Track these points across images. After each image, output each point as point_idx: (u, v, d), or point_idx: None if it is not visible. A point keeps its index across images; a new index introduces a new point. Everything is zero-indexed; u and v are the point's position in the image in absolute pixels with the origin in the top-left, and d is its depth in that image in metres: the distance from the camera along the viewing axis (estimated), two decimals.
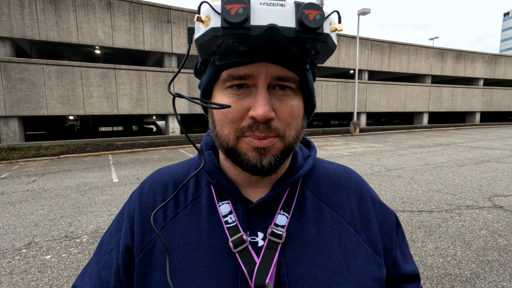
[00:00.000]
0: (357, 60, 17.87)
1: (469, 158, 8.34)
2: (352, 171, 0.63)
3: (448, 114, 33.59)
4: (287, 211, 0.53)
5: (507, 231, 3.48)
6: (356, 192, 0.58)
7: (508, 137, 14.14)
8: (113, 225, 0.59)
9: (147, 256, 0.51)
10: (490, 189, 5.17)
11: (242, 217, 0.51)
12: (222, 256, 0.49)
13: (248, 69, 0.44)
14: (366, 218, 0.55)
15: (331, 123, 35.68)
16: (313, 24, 0.38)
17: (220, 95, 0.47)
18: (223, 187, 0.54)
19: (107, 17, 13.65)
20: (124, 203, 0.60)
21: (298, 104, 0.48)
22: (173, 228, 0.52)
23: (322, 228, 0.52)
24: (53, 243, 3.39)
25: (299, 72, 0.46)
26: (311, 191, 0.56)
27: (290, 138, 0.48)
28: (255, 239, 0.51)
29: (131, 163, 8.81)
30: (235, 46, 0.41)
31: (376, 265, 0.52)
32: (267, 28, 0.38)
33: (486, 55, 25.57)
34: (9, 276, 2.72)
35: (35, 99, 12.56)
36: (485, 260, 2.84)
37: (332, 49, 0.44)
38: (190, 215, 0.53)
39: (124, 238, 0.54)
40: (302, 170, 0.56)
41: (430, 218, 3.90)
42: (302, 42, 0.41)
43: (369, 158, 8.80)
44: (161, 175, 0.60)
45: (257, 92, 0.45)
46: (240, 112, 0.45)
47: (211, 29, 0.39)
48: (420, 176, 6.22)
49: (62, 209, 4.60)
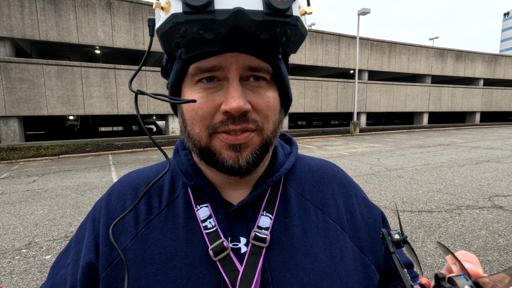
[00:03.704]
0: (357, 60, 17.87)
1: (469, 158, 8.33)
2: (335, 166, 0.60)
3: (448, 114, 33.59)
4: (270, 211, 0.49)
5: (507, 231, 3.48)
6: (340, 187, 0.56)
7: (508, 137, 14.14)
8: (73, 237, 0.53)
9: (116, 270, 0.46)
10: (490, 189, 5.17)
11: (222, 222, 0.47)
12: (202, 265, 0.45)
13: (217, 60, 0.41)
14: (351, 215, 0.53)
15: (331, 123, 35.69)
16: (281, 5, 0.36)
17: (189, 91, 0.44)
18: (201, 189, 0.50)
19: (107, 17, 13.65)
20: (88, 212, 0.54)
21: (274, 96, 0.45)
22: (146, 237, 0.47)
23: (307, 229, 0.49)
24: (53, 243, 3.39)
25: (271, 62, 0.43)
26: (294, 189, 0.53)
27: (268, 132, 0.45)
28: (237, 245, 0.47)
29: (131, 163, 8.81)
30: (201, 34, 0.38)
31: (362, 265, 0.50)
32: (233, 11, 0.35)
33: (486, 55, 25.57)
34: (9, 276, 2.72)
35: (35, 99, 12.56)
36: (485, 260, 2.84)
37: (304, 34, 0.41)
38: (165, 222, 0.49)
39: (85, 253, 0.48)
40: (283, 168, 0.53)
41: (430, 218, 3.90)
42: (271, 26, 0.38)
43: (369, 158, 8.80)
44: (131, 179, 0.55)
45: (228, 84, 0.42)
46: (211, 108, 0.42)
47: (172, 16, 0.35)
48: (420, 176, 6.22)
49: (62, 209, 4.60)
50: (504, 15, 78.66)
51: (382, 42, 21.27)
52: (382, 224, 0.55)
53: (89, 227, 0.51)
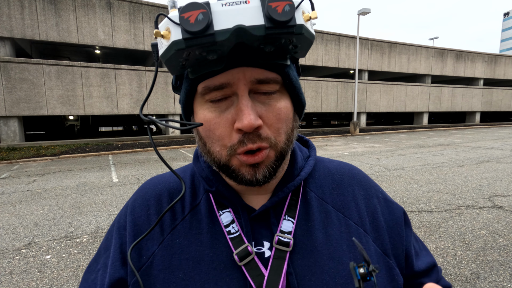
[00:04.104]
0: (357, 60, 17.86)
1: (469, 158, 8.33)
2: (354, 168, 0.60)
3: (448, 114, 33.59)
4: (292, 216, 0.49)
5: (507, 231, 3.48)
6: (360, 189, 0.55)
7: (508, 137, 14.14)
8: (102, 243, 0.55)
9: (144, 276, 0.47)
10: (490, 189, 5.17)
11: (245, 226, 0.48)
12: (228, 270, 0.46)
13: (224, 77, 0.41)
14: (374, 216, 0.52)
15: (331, 123, 35.68)
16: (283, 17, 0.35)
17: (201, 110, 0.44)
18: (223, 194, 0.50)
19: (107, 17, 13.65)
20: (114, 219, 0.56)
21: (285, 105, 0.45)
22: (172, 242, 0.48)
23: (330, 232, 0.49)
24: (53, 243, 3.39)
25: (280, 71, 0.43)
26: (314, 193, 0.53)
27: (281, 144, 0.45)
28: (261, 249, 0.47)
29: (131, 163, 8.81)
30: (204, 56, 0.38)
31: (386, 268, 0.49)
32: (234, 30, 0.35)
33: (486, 55, 25.57)
34: (9, 276, 2.72)
35: (35, 99, 12.56)
36: (485, 260, 2.84)
37: (311, 40, 0.40)
38: (189, 227, 0.49)
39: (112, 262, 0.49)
40: (303, 172, 0.53)
41: (430, 218, 3.90)
42: (275, 39, 0.37)
43: (369, 158, 8.80)
44: (154, 185, 0.56)
45: (238, 100, 0.41)
46: (226, 127, 0.42)
47: (173, 43, 0.36)
48: (420, 176, 6.22)
49: (62, 209, 4.60)
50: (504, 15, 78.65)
51: (382, 42, 21.27)
52: (404, 225, 0.54)
53: (115, 235, 0.52)
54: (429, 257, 0.56)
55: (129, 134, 20.55)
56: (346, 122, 31.85)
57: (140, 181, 6.37)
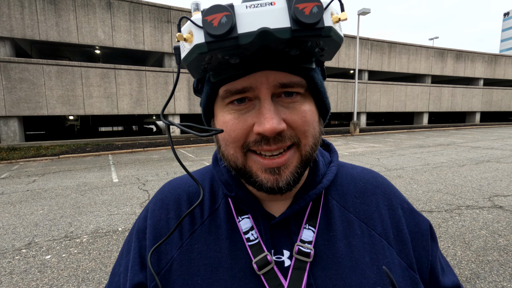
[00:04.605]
0: (357, 60, 17.86)
1: (469, 158, 8.33)
2: (378, 175, 0.57)
3: (448, 114, 33.59)
4: (313, 224, 0.48)
5: (507, 231, 3.48)
6: (385, 199, 0.53)
7: (508, 137, 14.14)
8: (124, 245, 0.55)
9: (164, 280, 0.47)
10: (490, 189, 5.17)
11: (265, 234, 0.47)
12: (246, 278, 0.45)
13: (246, 81, 0.40)
14: (398, 228, 0.50)
15: (331, 123, 35.68)
16: (310, 19, 0.33)
17: (221, 113, 0.43)
18: (242, 200, 0.49)
19: (107, 17, 13.65)
20: (135, 221, 0.55)
21: (310, 109, 0.43)
22: (191, 248, 0.48)
23: (352, 243, 0.47)
24: (53, 243, 3.39)
25: (305, 75, 0.41)
26: (336, 201, 0.51)
27: (307, 148, 0.43)
28: (280, 258, 0.46)
29: (131, 163, 8.81)
30: (226, 60, 0.37)
31: (411, 283, 0.47)
32: (258, 33, 0.33)
33: (486, 55, 25.57)
34: (9, 276, 2.72)
35: (35, 99, 12.56)
36: (485, 260, 2.84)
37: (339, 42, 0.38)
38: (208, 232, 0.48)
39: (132, 265, 0.49)
40: (325, 179, 0.50)
41: (430, 218, 3.90)
42: (301, 42, 0.36)
43: (369, 158, 8.80)
44: (173, 189, 0.55)
45: (260, 104, 0.40)
46: (243, 129, 0.41)
47: (195, 47, 0.35)
48: (420, 176, 6.22)
49: (62, 209, 4.60)
50: (504, 15, 78.66)
51: (382, 42, 21.28)
52: (430, 239, 0.52)
53: (135, 238, 0.52)
54: (454, 276, 0.54)
55: (129, 134, 20.56)
56: (346, 122, 31.83)
57: (140, 181, 6.38)
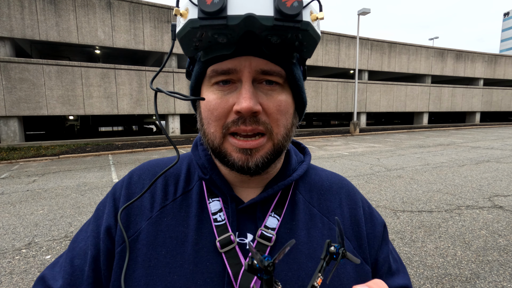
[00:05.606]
0: (357, 60, 17.87)
1: (469, 158, 8.33)
2: (344, 179, 0.62)
3: (448, 114, 33.59)
4: (278, 213, 0.51)
5: (507, 231, 3.48)
6: (347, 199, 0.57)
7: (508, 137, 14.14)
8: (91, 217, 0.56)
9: (130, 248, 0.49)
10: (490, 189, 5.17)
11: (231, 216, 0.50)
12: (209, 254, 0.47)
13: (231, 63, 0.43)
14: (358, 226, 0.54)
15: (331, 123, 35.67)
16: (290, 11, 0.37)
17: (207, 92, 0.47)
18: (215, 183, 0.52)
19: (107, 17, 13.64)
20: (106, 194, 0.57)
21: (286, 100, 0.46)
22: (160, 220, 0.50)
23: (312, 233, 0.51)
24: (53, 243, 3.39)
25: (285, 66, 0.45)
26: (303, 196, 0.55)
27: (279, 137, 0.47)
28: (243, 241, 0.49)
29: (131, 163, 8.81)
30: (215, 39, 0.41)
31: (364, 275, 0.51)
32: (244, 17, 0.37)
33: (486, 55, 25.56)
34: (9, 276, 2.72)
35: (35, 99, 12.56)
36: (485, 260, 2.84)
37: (316, 39, 0.43)
38: (178, 209, 0.51)
39: (106, 219, 0.51)
40: (295, 174, 0.55)
41: (430, 218, 3.90)
42: (281, 31, 0.40)
43: (369, 158, 8.80)
44: (151, 166, 0.58)
45: (241, 86, 0.44)
46: (225, 108, 0.45)
47: (189, 21, 0.39)
48: (420, 176, 6.22)
49: (62, 209, 4.60)
50: (504, 15, 78.63)
51: (382, 42, 21.27)
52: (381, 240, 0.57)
53: (109, 205, 0.54)
54: (405, 279, 0.57)
55: (129, 134, 20.55)
56: (346, 122, 31.83)
57: None
